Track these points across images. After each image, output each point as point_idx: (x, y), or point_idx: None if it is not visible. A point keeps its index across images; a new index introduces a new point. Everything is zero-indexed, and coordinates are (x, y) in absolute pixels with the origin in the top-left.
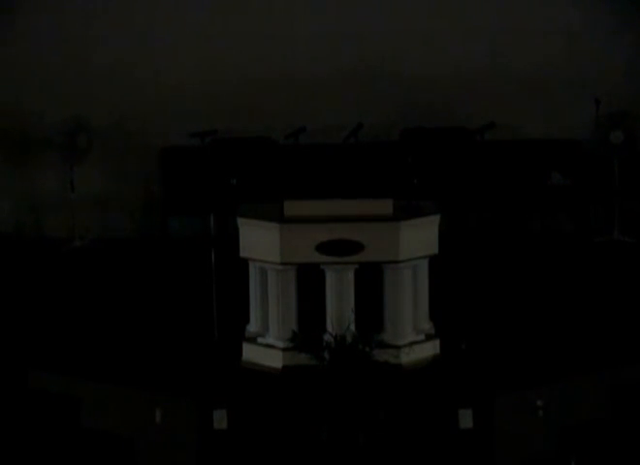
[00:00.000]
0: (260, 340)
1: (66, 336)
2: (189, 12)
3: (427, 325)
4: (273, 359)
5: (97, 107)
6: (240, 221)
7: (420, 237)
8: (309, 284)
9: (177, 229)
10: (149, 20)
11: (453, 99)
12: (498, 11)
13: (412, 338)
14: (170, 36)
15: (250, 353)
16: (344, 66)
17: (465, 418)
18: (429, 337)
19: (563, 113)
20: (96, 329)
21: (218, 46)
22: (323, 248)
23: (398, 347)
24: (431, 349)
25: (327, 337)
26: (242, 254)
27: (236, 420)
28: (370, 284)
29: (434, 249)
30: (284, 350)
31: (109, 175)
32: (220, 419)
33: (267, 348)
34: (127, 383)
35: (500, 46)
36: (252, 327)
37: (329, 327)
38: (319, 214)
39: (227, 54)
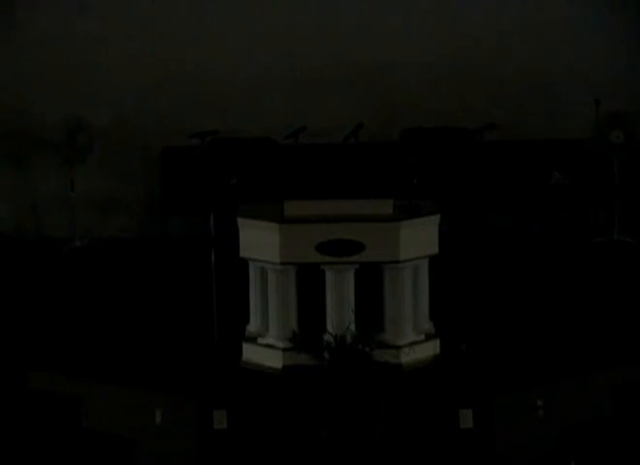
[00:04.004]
0: (260, 340)
1: (66, 336)
2: (189, 12)
3: (427, 325)
4: (273, 359)
5: (97, 107)
6: (240, 221)
7: (420, 237)
8: (309, 284)
9: (178, 228)
10: (149, 20)
11: (453, 99)
12: (498, 11)
13: (412, 338)
14: (169, 36)
15: (250, 353)
16: (345, 66)
17: (466, 419)
18: (429, 337)
19: (563, 113)
20: (96, 329)
21: (218, 47)
22: (323, 248)
23: (398, 347)
24: (431, 349)
25: (327, 337)
26: (242, 254)
27: (236, 420)
28: (370, 284)
29: (434, 249)
30: (284, 350)
31: (109, 175)
32: (220, 419)
33: (267, 348)
34: (127, 383)
35: (500, 45)
36: (252, 327)
37: (329, 327)
38: (319, 214)
39: (227, 54)
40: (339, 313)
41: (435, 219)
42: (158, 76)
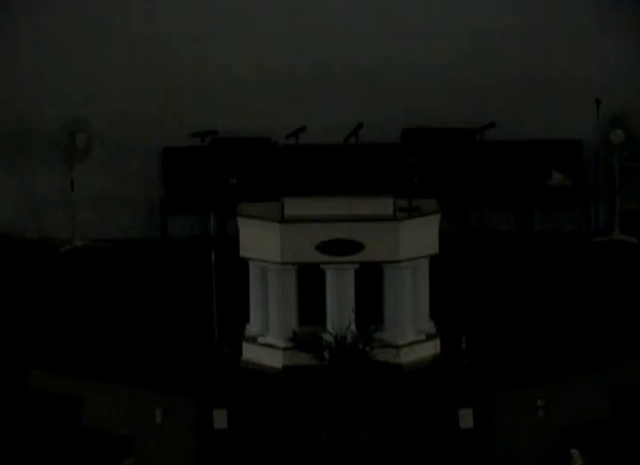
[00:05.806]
0: (260, 340)
1: (66, 336)
2: (189, 12)
3: (427, 325)
4: (273, 359)
5: (97, 107)
6: (240, 221)
7: (420, 237)
8: (309, 284)
9: (177, 229)
10: (149, 21)
11: (453, 99)
12: (498, 11)
13: (412, 338)
14: (169, 36)
15: (250, 353)
16: (345, 66)
17: (466, 418)
18: (429, 337)
19: (563, 113)
20: (96, 329)
21: (218, 47)
22: (323, 248)
23: (398, 347)
24: (431, 348)
25: (327, 337)
26: (242, 254)
27: (236, 420)
28: (370, 284)
29: (435, 249)
30: (284, 350)
31: (109, 175)
32: (220, 419)
33: (267, 348)
34: (127, 383)
35: (500, 45)
36: (252, 327)
37: (329, 327)
38: (319, 214)
39: (227, 54)
40: (339, 313)
41: (435, 219)
42: (158, 76)
